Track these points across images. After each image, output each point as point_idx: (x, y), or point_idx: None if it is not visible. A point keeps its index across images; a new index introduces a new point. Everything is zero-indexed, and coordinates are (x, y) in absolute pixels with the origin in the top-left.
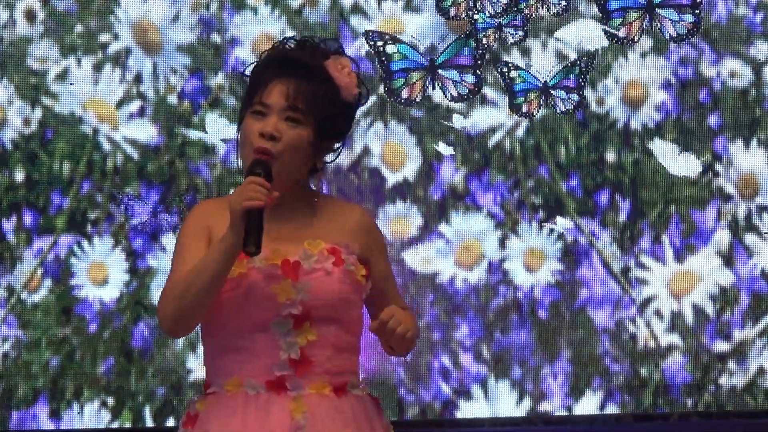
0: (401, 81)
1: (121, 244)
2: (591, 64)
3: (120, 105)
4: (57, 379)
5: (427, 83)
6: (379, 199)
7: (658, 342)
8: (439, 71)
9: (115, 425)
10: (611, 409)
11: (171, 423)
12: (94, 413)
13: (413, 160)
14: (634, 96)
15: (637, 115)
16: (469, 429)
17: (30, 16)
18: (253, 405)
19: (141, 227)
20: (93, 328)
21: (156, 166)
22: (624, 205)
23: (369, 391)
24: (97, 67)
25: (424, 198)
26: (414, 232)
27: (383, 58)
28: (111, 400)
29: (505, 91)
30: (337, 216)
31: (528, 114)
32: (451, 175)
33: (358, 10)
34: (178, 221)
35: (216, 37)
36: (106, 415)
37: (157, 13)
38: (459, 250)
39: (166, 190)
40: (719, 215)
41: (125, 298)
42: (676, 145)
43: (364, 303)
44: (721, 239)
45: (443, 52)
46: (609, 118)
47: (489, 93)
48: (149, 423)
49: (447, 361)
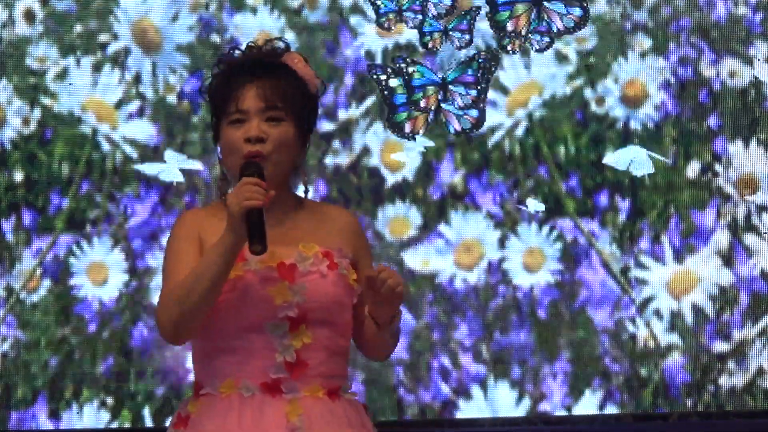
0: (506, 14)
1: (120, 244)
2: (491, 62)
3: (119, 105)
4: (56, 379)
5: (430, 117)
6: (378, 199)
7: (658, 342)
8: (545, 3)
9: (114, 425)
10: (611, 409)
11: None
12: (93, 413)
13: (413, 159)
14: (634, 96)
15: (636, 115)
16: (469, 429)
17: (29, 16)
18: (248, 407)
19: None
20: (92, 328)
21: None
22: (623, 205)
23: (356, 397)
24: (97, 67)
25: (423, 198)
26: (413, 232)
27: (386, 92)
28: (110, 400)
29: (404, 87)
30: (327, 219)
31: (426, 109)
32: (450, 175)
33: (357, 10)
34: None
35: (215, 37)
36: (105, 415)
37: (157, 13)
38: (458, 250)
39: (166, 190)
40: (719, 215)
41: (124, 298)
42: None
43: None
44: (721, 239)
45: (450, 72)
46: (608, 118)
47: (489, 93)
48: (148, 423)
49: (446, 361)
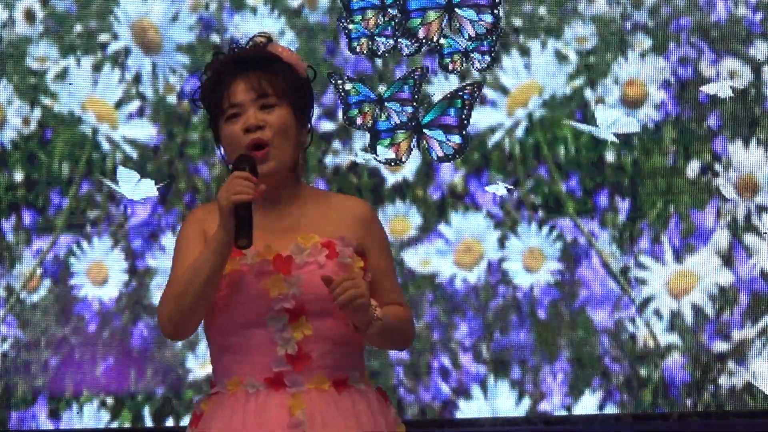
0: (418, 21)
1: (120, 244)
2: (424, 77)
3: (119, 105)
4: (56, 379)
5: (412, 144)
6: (378, 199)
7: (658, 342)
8: (456, 10)
9: (114, 425)
10: (610, 409)
11: (170, 423)
12: (93, 413)
13: (412, 159)
14: (634, 96)
15: (636, 115)
16: (469, 429)
17: (29, 16)
18: (252, 403)
19: None
20: (92, 328)
21: (155, 166)
22: (623, 205)
23: (376, 386)
24: (97, 67)
25: (423, 198)
26: (413, 232)
27: (342, 93)
28: (110, 400)
29: (341, 104)
30: (333, 209)
31: (362, 125)
32: (450, 175)
33: None
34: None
35: (215, 37)
36: (105, 415)
37: (157, 13)
38: (458, 250)
39: (166, 190)
40: (718, 215)
41: (124, 298)
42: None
43: None
44: (721, 239)
45: (428, 113)
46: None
47: (489, 93)
48: (148, 423)
49: (446, 361)
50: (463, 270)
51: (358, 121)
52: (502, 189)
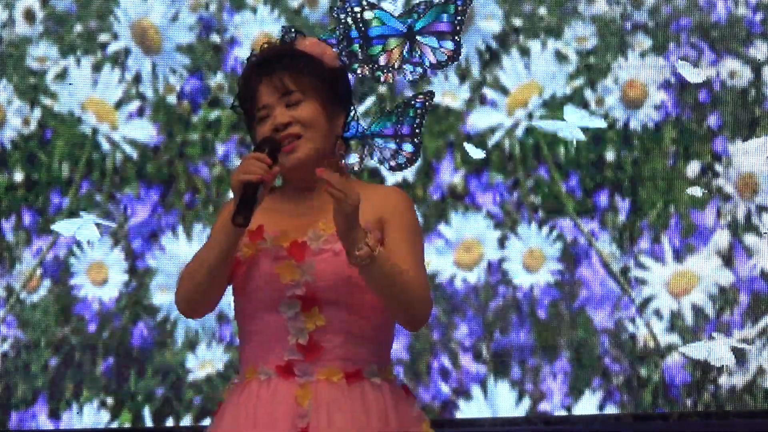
0: (378, 48)
1: (120, 244)
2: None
3: (119, 105)
4: (56, 379)
5: (405, 50)
6: None
7: (658, 342)
8: (417, 38)
9: (114, 425)
10: (611, 409)
11: (170, 423)
12: (93, 413)
13: None
14: (634, 96)
15: (636, 115)
16: (469, 429)
17: (29, 16)
18: (264, 391)
19: None
20: (92, 328)
21: (155, 166)
22: (623, 205)
23: (394, 379)
24: (97, 67)
25: (423, 198)
26: None
27: (360, 25)
28: (110, 400)
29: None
30: (365, 199)
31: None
32: (450, 175)
33: None
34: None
35: (215, 37)
36: (105, 415)
37: (157, 13)
38: (458, 250)
39: (166, 190)
40: (719, 215)
41: (124, 298)
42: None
43: None
44: (721, 239)
45: (420, 19)
46: (608, 118)
47: (489, 93)
48: (148, 423)
49: (446, 361)
50: (463, 270)
51: (381, 60)
52: (479, 152)
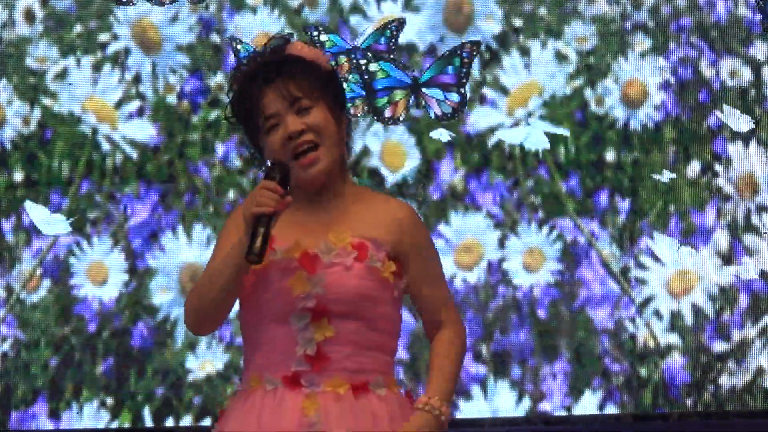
0: (384, 99)
1: (120, 244)
2: (402, 28)
3: (119, 105)
4: (56, 379)
5: (410, 102)
6: None
7: (658, 342)
8: (423, 90)
9: (114, 425)
10: (611, 409)
11: (170, 423)
12: (93, 413)
13: (412, 159)
14: (634, 96)
15: (636, 115)
16: (469, 429)
17: (29, 16)
18: (269, 401)
19: None
20: (92, 328)
21: (155, 166)
22: (623, 205)
23: (399, 389)
24: (97, 67)
25: (423, 198)
26: None
27: (366, 76)
28: (110, 400)
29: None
30: (373, 209)
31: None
32: (450, 175)
33: (357, 9)
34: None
35: (215, 37)
36: (105, 415)
37: (157, 12)
38: (458, 250)
39: (166, 190)
40: (719, 215)
41: (124, 298)
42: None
43: (399, 300)
44: (721, 239)
45: (426, 71)
46: (608, 118)
47: (489, 93)
48: (148, 423)
49: None
50: (463, 270)
51: (387, 113)
52: (446, 135)
